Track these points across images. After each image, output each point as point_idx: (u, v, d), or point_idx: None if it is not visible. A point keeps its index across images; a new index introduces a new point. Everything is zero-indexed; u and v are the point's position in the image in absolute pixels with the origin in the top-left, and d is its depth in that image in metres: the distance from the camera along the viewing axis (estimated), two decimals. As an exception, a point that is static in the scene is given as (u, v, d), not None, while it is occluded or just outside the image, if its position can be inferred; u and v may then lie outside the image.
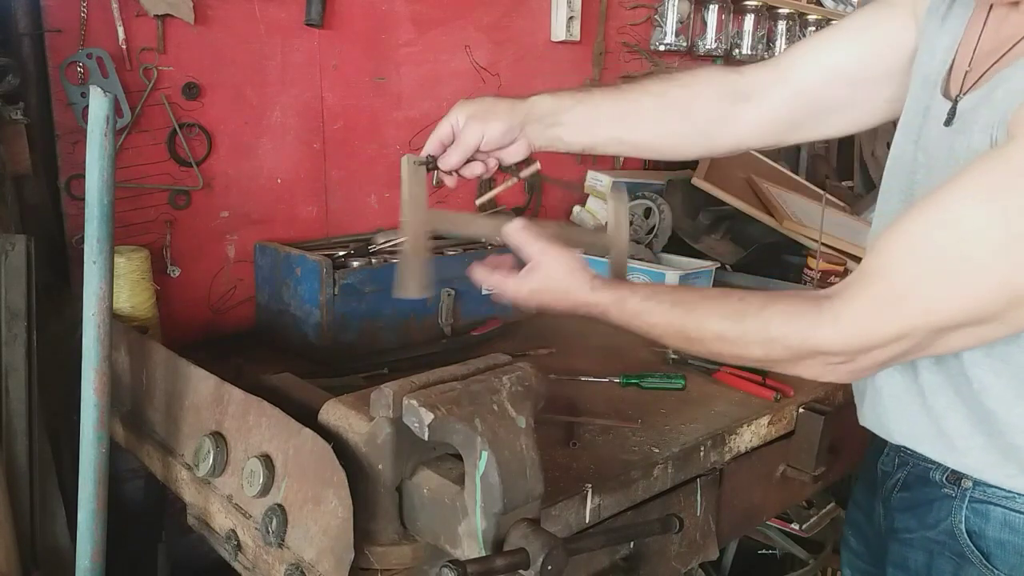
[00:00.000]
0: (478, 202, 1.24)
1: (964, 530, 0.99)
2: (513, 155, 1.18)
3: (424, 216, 1.07)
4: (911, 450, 1.05)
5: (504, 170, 1.18)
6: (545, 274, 1.04)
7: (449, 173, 1.16)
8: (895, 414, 1.05)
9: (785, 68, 1.20)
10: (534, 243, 1.05)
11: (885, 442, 1.11)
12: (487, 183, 2.10)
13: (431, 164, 1.10)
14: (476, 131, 1.12)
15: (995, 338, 0.87)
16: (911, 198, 1.01)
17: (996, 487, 0.96)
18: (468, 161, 1.15)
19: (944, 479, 1.01)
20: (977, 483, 0.98)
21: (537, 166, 1.15)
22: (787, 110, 1.20)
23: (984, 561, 0.97)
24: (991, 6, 0.96)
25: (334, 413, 0.96)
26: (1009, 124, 0.82)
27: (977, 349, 0.93)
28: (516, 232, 1.06)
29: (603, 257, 1.24)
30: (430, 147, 1.14)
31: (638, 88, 1.22)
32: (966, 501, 0.99)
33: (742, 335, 0.93)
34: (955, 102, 0.95)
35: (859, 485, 1.26)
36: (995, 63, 0.91)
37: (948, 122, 0.95)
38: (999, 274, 0.79)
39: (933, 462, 1.02)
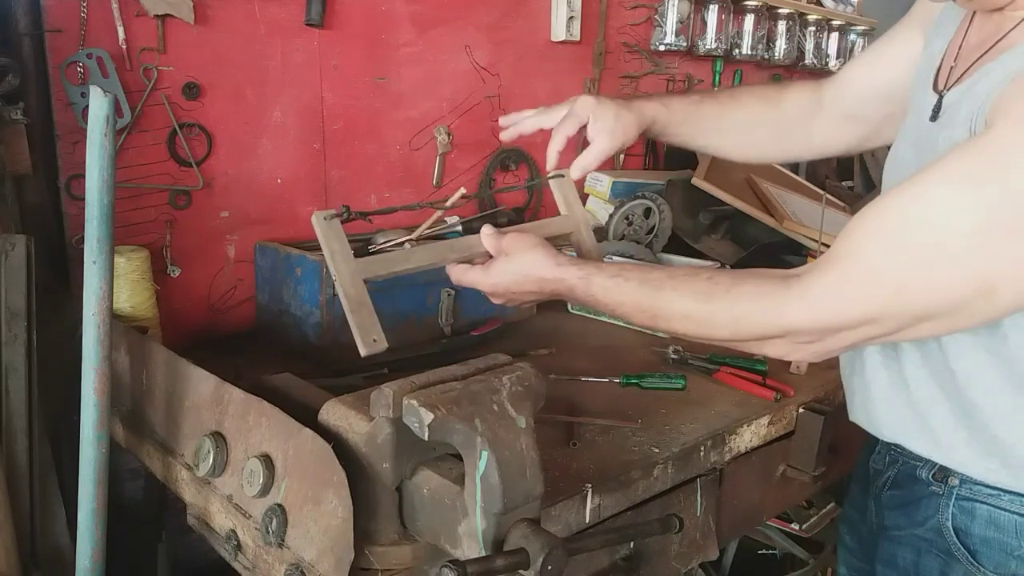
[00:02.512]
0: (415, 235, 1.24)
1: (951, 528, 1.00)
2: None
3: (355, 266, 1.03)
4: (901, 448, 1.06)
5: (431, 206, 1.21)
6: (507, 258, 1.05)
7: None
8: (883, 409, 1.06)
9: (839, 88, 1.30)
10: (502, 239, 1.07)
11: (877, 440, 1.12)
12: (487, 179, 2.10)
13: (344, 216, 1.05)
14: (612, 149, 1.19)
15: (964, 327, 0.87)
16: None
17: (982, 484, 0.98)
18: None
19: (931, 477, 1.02)
20: (964, 481, 0.99)
21: (463, 191, 1.18)
22: (842, 127, 1.30)
23: (970, 559, 0.99)
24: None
25: (334, 413, 0.96)
26: (987, 114, 0.83)
27: (962, 341, 0.94)
28: (487, 237, 1.10)
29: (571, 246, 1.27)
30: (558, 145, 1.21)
31: (737, 104, 1.32)
32: (953, 499, 1.00)
33: (709, 316, 0.92)
34: (940, 96, 0.96)
35: (853, 483, 1.28)
36: (979, 58, 0.92)
37: (934, 116, 0.96)
38: (970, 263, 0.79)
39: (921, 459, 1.03)
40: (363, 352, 0.97)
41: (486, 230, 1.10)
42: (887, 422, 1.06)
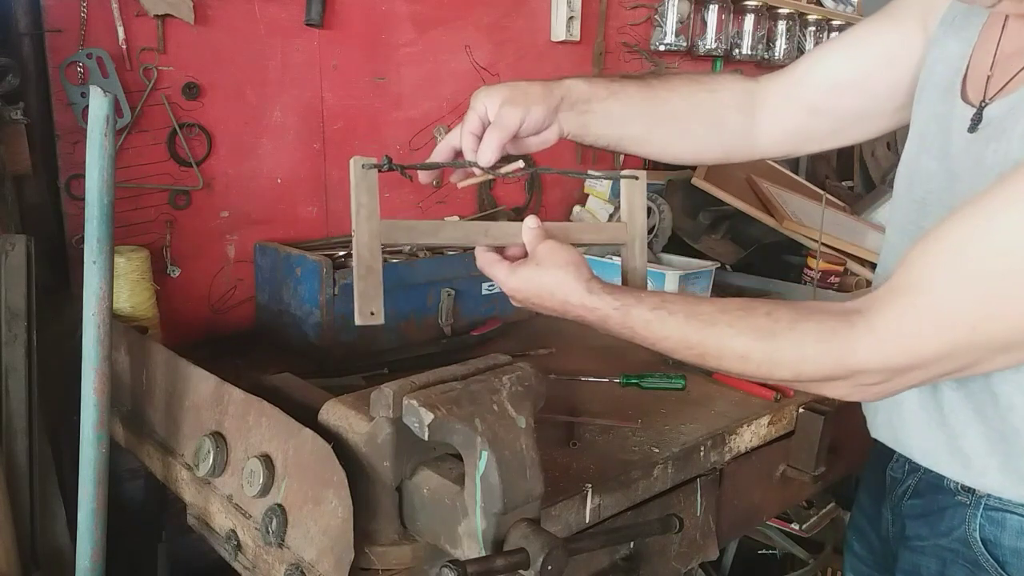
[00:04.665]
0: (460, 184, 1.14)
1: (979, 538, 0.97)
2: (543, 142, 1.11)
3: (378, 228, 0.95)
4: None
5: (485, 171, 1.06)
6: (537, 268, 0.96)
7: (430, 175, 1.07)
8: (914, 430, 1.02)
9: (795, 80, 1.18)
10: (542, 240, 0.99)
11: (893, 449, 1.08)
12: (486, 184, 2.10)
13: (384, 166, 0.97)
14: (516, 115, 1.03)
15: None
16: (925, 208, 0.98)
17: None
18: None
19: (959, 487, 0.99)
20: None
21: (520, 164, 1.05)
22: (800, 122, 1.19)
23: (999, 570, 0.95)
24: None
25: (334, 413, 0.96)
26: None
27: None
28: (528, 231, 1.01)
29: (616, 254, 1.17)
30: (466, 144, 1.04)
31: (667, 87, 1.17)
32: (981, 509, 0.97)
33: (770, 356, 0.84)
34: (980, 108, 0.91)
35: (864, 490, 1.25)
36: None
37: (973, 128, 0.91)
38: None
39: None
40: (358, 321, 0.92)
41: (530, 223, 1.01)
42: (917, 443, 1.02)
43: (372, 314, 0.92)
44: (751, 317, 0.86)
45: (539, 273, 0.96)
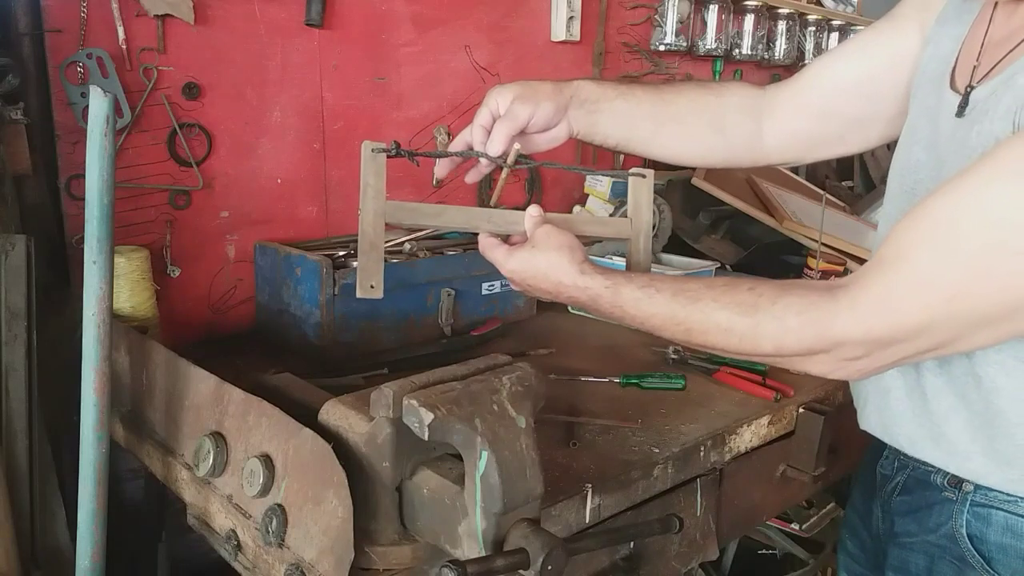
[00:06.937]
0: (492, 202, 1.17)
1: (965, 534, 0.97)
2: (552, 140, 1.14)
3: (383, 208, 1.00)
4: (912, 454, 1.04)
5: (492, 160, 1.08)
6: (533, 250, 0.99)
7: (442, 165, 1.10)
8: (900, 419, 1.03)
9: (801, 86, 1.21)
10: (538, 228, 1.01)
11: (884, 445, 1.10)
12: (486, 180, 2.10)
13: (392, 151, 1.01)
14: (526, 110, 1.07)
15: (1021, 334, 0.83)
16: (913, 197, 0.99)
17: (998, 491, 0.95)
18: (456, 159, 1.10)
19: (945, 483, 1.00)
20: (979, 487, 0.97)
21: (518, 147, 1.08)
22: (805, 128, 1.21)
23: (985, 566, 0.96)
24: (996, 4, 0.95)
25: (334, 413, 0.96)
26: None
27: (990, 347, 0.89)
28: (529, 217, 1.04)
29: (615, 253, 1.20)
30: (476, 136, 1.08)
31: (674, 91, 1.21)
32: (967, 505, 0.97)
33: (752, 328, 0.86)
34: (966, 93, 0.93)
35: (856, 488, 1.26)
36: (1010, 52, 0.90)
37: (960, 113, 0.93)
38: None
39: (934, 466, 1.01)
40: (359, 294, 0.97)
41: (531, 211, 1.04)
42: (904, 432, 1.03)
43: (372, 287, 0.98)
44: (735, 292, 0.88)
45: (534, 255, 0.99)
